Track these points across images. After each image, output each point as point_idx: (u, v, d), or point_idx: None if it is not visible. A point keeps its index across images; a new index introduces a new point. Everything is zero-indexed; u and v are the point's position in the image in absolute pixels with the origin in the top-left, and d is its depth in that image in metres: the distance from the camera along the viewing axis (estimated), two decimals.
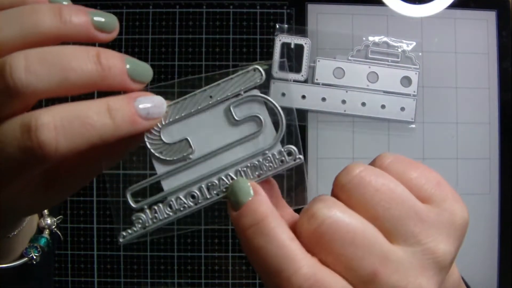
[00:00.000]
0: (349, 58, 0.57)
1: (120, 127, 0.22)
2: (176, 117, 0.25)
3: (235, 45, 0.57)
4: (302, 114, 0.57)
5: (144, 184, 0.25)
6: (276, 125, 0.25)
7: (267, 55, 0.57)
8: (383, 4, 0.58)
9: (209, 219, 0.30)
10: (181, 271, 0.56)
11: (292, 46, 0.57)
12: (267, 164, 0.25)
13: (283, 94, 0.56)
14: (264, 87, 0.25)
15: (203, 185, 0.25)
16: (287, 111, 0.25)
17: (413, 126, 0.57)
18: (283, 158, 0.25)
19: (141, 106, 0.22)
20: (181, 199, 0.25)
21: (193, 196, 0.25)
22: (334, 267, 0.21)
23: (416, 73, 0.57)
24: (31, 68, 0.20)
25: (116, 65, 0.22)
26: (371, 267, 0.21)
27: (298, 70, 0.57)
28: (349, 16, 0.58)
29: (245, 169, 0.25)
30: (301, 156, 0.25)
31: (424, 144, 0.58)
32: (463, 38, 0.58)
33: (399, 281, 0.21)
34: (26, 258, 0.32)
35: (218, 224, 0.34)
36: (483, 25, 0.58)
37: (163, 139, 0.25)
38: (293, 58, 0.57)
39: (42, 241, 0.33)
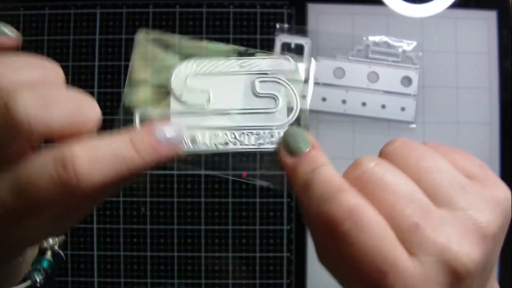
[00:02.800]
0: (350, 58, 0.57)
1: (145, 158, 0.23)
2: (207, 71, 0.27)
3: (235, 45, 0.57)
4: (302, 114, 0.57)
5: (156, 113, 0.27)
6: (290, 110, 0.27)
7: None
8: (383, 4, 0.58)
9: (209, 219, 0.30)
10: (181, 271, 0.56)
11: (292, 46, 0.57)
12: (270, 139, 0.27)
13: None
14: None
15: (206, 133, 0.26)
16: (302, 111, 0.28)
17: (414, 126, 0.57)
18: None
19: (162, 135, 0.24)
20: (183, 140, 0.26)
21: (193, 140, 0.26)
22: None
23: (416, 73, 0.57)
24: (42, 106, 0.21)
25: None
26: (412, 218, 0.21)
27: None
28: (349, 16, 0.58)
29: (249, 134, 0.27)
30: None
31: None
32: (464, 38, 0.58)
33: (440, 237, 0.20)
34: (29, 282, 0.32)
35: (218, 224, 0.34)
36: (483, 25, 0.58)
37: (187, 84, 0.27)
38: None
39: (45, 264, 0.33)
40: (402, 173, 0.22)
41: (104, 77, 0.57)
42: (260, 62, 0.27)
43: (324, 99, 0.57)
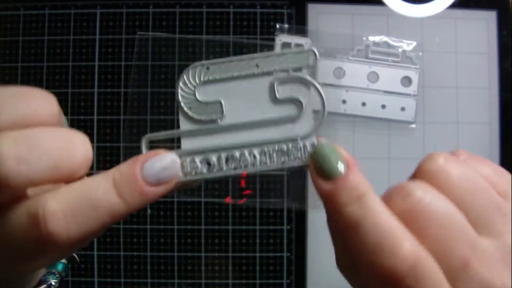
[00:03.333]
0: (349, 58, 0.57)
1: (130, 203, 0.20)
2: (217, 77, 0.23)
3: (235, 45, 0.57)
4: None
5: (163, 136, 0.23)
6: (316, 114, 0.24)
7: None
8: (383, 4, 0.58)
9: (209, 219, 0.29)
10: (181, 271, 0.56)
11: (292, 46, 0.57)
12: (296, 153, 0.23)
13: None
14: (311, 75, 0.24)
15: (222, 155, 0.23)
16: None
17: (414, 126, 0.57)
18: None
19: (150, 173, 0.21)
20: (195, 162, 0.23)
21: (208, 163, 0.23)
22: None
23: (416, 73, 0.57)
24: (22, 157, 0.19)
25: None
26: (464, 255, 0.20)
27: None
28: (349, 16, 0.58)
29: (271, 151, 0.23)
30: None
31: (424, 144, 0.57)
32: (464, 38, 0.58)
33: (487, 273, 0.20)
34: (45, 285, 0.32)
35: (218, 224, 0.34)
36: (483, 25, 0.58)
37: (197, 95, 0.23)
38: None
39: (60, 267, 0.33)
40: (449, 200, 0.21)
41: (104, 77, 0.57)
42: (278, 58, 0.23)
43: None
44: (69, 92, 0.57)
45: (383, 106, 0.57)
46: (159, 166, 0.21)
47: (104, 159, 0.56)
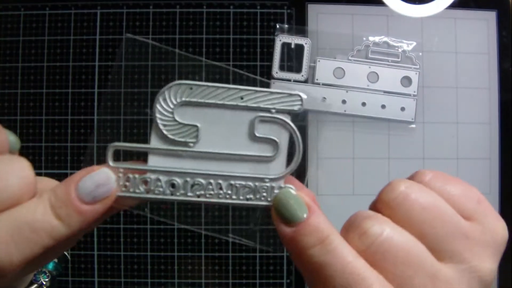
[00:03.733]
0: (349, 58, 0.57)
1: (69, 224, 0.20)
2: (199, 100, 0.22)
3: (235, 45, 0.57)
4: (302, 114, 0.57)
5: (131, 148, 0.23)
6: (290, 158, 0.23)
7: (267, 55, 0.57)
8: (383, 4, 0.58)
9: (209, 219, 0.29)
10: (181, 271, 0.56)
11: (293, 46, 0.57)
12: (262, 193, 0.23)
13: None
14: (300, 119, 0.23)
15: (188, 179, 0.23)
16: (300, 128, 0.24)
17: (413, 126, 0.57)
18: None
19: (84, 192, 0.21)
20: (159, 182, 0.23)
21: (173, 185, 0.23)
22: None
23: (416, 73, 0.57)
24: None
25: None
26: (423, 287, 0.20)
27: (298, 70, 0.57)
28: (349, 16, 0.58)
29: (238, 186, 0.23)
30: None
31: (424, 144, 0.57)
32: (463, 38, 0.58)
33: None
34: (36, 285, 0.31)
35: (219, 224, 0.33)
36: (483, 25, 0.58)
37: (174, 115, 0.23)
38: (293, 58, 0.57)
39: (50, 266, 0.33)
40: (406, 233, 0.21)
41: (104, 77, 0.57)
42: (265, 96, 0.23)
43: (324, 99, 0.57)
44: (69, 92, 0.57)
45: (383, 106, 0.57)
46: (93, 184, 0.21)
47: (104, 159, 0.56)
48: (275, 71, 0.56)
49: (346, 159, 0.56)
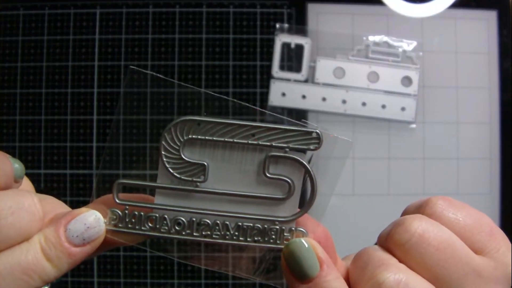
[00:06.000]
0: (350, 57, 0.57)
1: (59, 266, 0.21)
2: (207, 137, 0.21)
3: (235, 45, 0.57)
4: (302, 114, 0.57)
5: (137, 185, 0.22)
6: (302, 201, 0.22)
7: (267, 55, 0.57)
8: (383, 4, 0.58)
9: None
10: (181, 271, 0.56)
11: (292, 46, 0.57)
12: (271, 236, 0.22)
13: (283, 94, 0.56)
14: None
15: (194, 219, 0.22)
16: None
17: (414, 126, 0.57)
18: (290, 238, 0.22)
19: (74, 234, 0.21)
20: (166, 220, 0.22)
21: (179, 224, 0.22)
22: None
23: (416, 73, 0.57)
24: None
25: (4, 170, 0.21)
26: None
27: (298, 70, 0.57)
28: (349, 16, 0.58)
29: (246, 227, 0.22)
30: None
31: (425, 144, 0.57)
32: (464, 38, 0.58)
33: None
34: None
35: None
36: (483, 25, 0.58)
37: (181, 152, 0.21)
38: (293, 58, 0.57)
39: None
40: (422, 279, 0.21)
41: (104, 77, 0.57)
42: (280, 133, 0.21)
43: (324, 99, 0.57)
44: (69, 92, 0.57)
45: (383, 106, 0.57)
46: (82, 226, 0.21)
47: (104, 159, 0.56)
48: (275, 70, 0.56)
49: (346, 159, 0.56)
